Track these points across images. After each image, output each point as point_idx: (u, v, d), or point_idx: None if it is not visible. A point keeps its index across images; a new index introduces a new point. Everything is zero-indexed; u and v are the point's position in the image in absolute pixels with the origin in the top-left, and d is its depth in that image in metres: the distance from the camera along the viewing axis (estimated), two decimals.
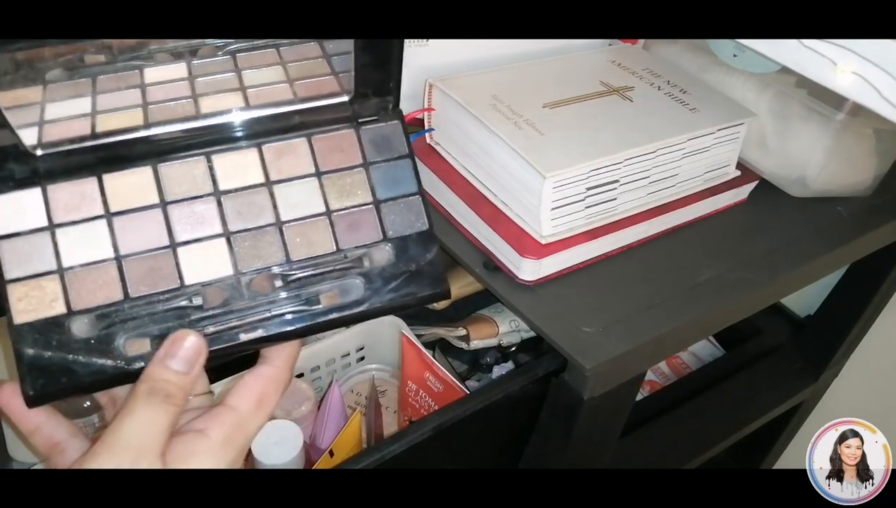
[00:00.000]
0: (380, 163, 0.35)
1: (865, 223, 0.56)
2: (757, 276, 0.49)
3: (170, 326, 0.30)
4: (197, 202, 0.32)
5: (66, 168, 0.32)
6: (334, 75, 0.36)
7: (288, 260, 0.32)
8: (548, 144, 0.45)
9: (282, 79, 0.35)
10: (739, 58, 0.55)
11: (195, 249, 0.32)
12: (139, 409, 0.28)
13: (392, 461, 0.40)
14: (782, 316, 0.87)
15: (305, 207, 0.33)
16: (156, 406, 0.28)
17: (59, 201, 0.31)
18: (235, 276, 0.32)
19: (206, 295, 0.31)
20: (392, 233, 0.34)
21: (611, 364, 0.42)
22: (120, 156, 0.32)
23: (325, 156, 0.34)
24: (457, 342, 0.66)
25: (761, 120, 0.55)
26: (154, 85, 0.34)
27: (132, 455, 0.27)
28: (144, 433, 0.28)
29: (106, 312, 0.30)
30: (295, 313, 0.32)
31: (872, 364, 0.84)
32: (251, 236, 0.32)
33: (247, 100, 0.34)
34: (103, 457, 0.27)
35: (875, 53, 0.42)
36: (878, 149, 0.56)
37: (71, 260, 0.30)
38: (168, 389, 0.29)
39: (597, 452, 0.52)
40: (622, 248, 0.50)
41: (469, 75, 0.51)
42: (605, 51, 0.59)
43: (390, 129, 0.35)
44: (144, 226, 0.32)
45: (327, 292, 0.32)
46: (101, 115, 0.33)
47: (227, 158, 0.33)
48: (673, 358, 0.86)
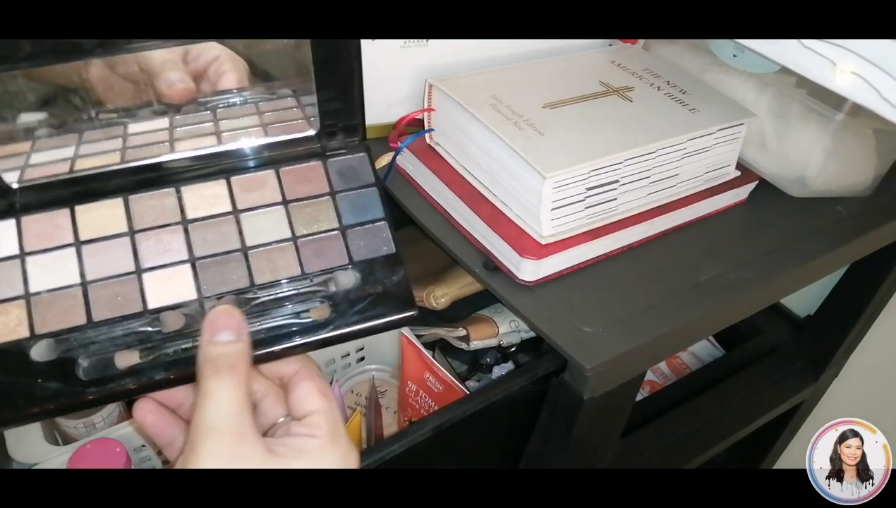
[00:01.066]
0: (346, 191, 0.36)
1: (865, 223, 0.56)
2: (757, 276, 0.49)
3: (130, 350, 0.31)
4: (164, 231, 0.34)
5: (42, 201, 0.33)
6: (304, 115, 0.37)
7: (252, 284, 0.33)
8: (548, 144, 0.45)
9: (255, 123, 0.37)
10: (739, 58, 0.55)
11: (160, 275, 0.33)
12: (213, 389, 0.29)
13: (392, 461, 0.40)
14: (782, 316, 0.87)
15: (271, 234, 0.35)
16: (225, 379, 0.29)
17: (32, 231, 0.33)
18: (198, 300, 0.32)
19: (166, 319, 0.32)
20: (358, 258, 0.34)
21: (611, 364, 0.42)
22: (94, 190, 0.34)
23: (292, 187, 0.36)
24: (457, 342, 0.66)
25: (761, 120, 0.55)
26: (135, 135, 0.36)
27: (229, 438, 0.28)
28: (228, 411, 0.28)
29: (67, 336, 0.31)
30: (256, 338, 0.32)
31: (872, 364, 0.84)
32: (216, 262, 0.33)
33: (220, 139, 0.36)
34: (201, 445, 0.27)
35: (875, 53, 0.42)
36: (878, 149, 0.56)
37: (38, 286, 0.32)
38: (229, 361, 0.29)
39: (597, 452, 0.52)
40: (622, 248, 0.50)
41: (469, 75, 0.51)
42: (605, 51, 0.59)
43: (357, 161, 0.37)
44: (112, 254, 0.33)
45: (291, 315, 0.33)
46: (81, 158, 0.35)
47: (196, 190, 0.35)
48: (673, 358, 0.86)
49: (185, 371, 0.31)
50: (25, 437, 0.48)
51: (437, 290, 0.65)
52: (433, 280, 0.66)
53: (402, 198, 0.52)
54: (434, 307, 0.65)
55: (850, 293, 0.75)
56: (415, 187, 0.53)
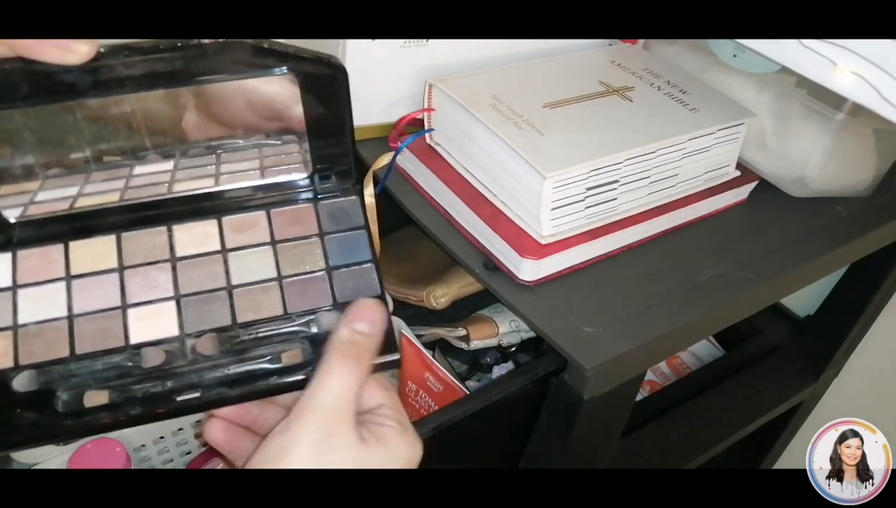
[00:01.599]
0: (335, 233, 0.37)
1: (865, 223, 0.56)
2: (757, 276, 0.49)
3: (108, 384, 0.31)
4: (153, 268, 0.34)
5: (38, 236, 0.34)
6: (301, 158, 0.38)
7: (234, 323, 0.33)
8: (548, 144, 0.45)
9: (255, 166, 0.38)
10: (739, 58, 0.55)
11: (144, 311, 0.33)
12: (336, 369, 0.30)
13: None
14: (782, 316, 0.87)
15: (257, 273, 0.35)
16: (351, 366, 0.30)
17: (26, 265, 0.33)
18: (180, 338, 0.32)
19: (146, 354, 0.32)
20: (342, 299, 0.34)
21: (611, 364, 0.42)
22: (90, 227, 0.35)
23: (281, 228, 0.36)
24: (457, 342, 0.66)
25: (761, 120, 0.55)
26: (139, 176, 0.37)
27: (332, 418, 0.29)
28: (341, 395, 0.29)
29: (49, 369, 0.31)
30: (235, 377, 0.32)
31: (872, 364, 0.84)
32: (200, 299, 0.34)
33: (217, 181, 0.37)
34: (306, 416, 0.29)
35: (875, 53, 0.42)
36: (878, 149, 0.56)
37: (27, 317, 0.32)
38: (358, 351, 0.31)
39: (597, 452, 0.52)
40: (622, 248, 0.50)
41: (469, 75, 0.51)
42: (605, 51, 0.59)
43: (348, 204, 0.38)
44: (100, 289, 0.33)
45: (270, 356, 0.33)
46: (83, 197, 0.35)
47: (187, 229, 0.36)
48: (673, 358, 0.86)
49: (154, 408, 0.31)
50: None
51: (437, 290, 0.65)
52: (433, 280, 0.66)
53: (402, 198, 0.52)
54: (434, 307, 0.65)
55: (850, 293, 0.75)
56: (415, 187, 0.53)
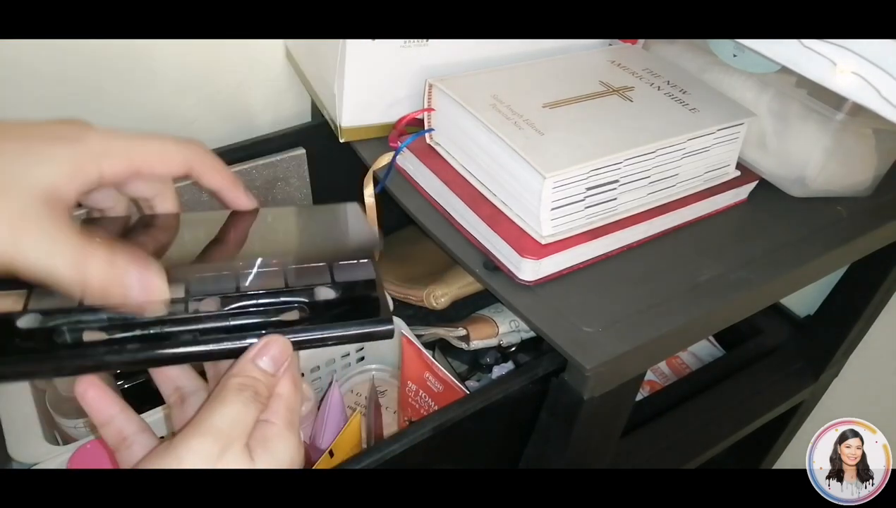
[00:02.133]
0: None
1: (865, 223, 0.56)
2: (757, 276, 0.49)
3: (109, 325, 0.31)
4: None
5: None
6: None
7: (238, 289, 0.34)
8: (548, 144, 0.45)
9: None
10: (739, 58, 0.55)
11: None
12: (230, 400, 0.30)
13: (392, 461, 0.40)
14: (782, 316, 0.87)
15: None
16: (246, 400, 0.30)
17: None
18: (184, 299, 0.33)
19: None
20: (340, 280, 0.36)
21: (611, 364, 0.42)
22: None
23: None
24: (457, 342, 0.66)
25: (761, 120, 0.55)
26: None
27: (224, 440, 0.29)
28: (235, 423, 0.30)
29: (55, 315, 0.31)
30: (233, 327, 0.33)
31: (872, 364, 0.84)
32: (208, 278, 0.35)
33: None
34: (195, 440, 0.28)
35: (875, 53, 0.42)
36: (878, 149, 0.56)
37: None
38: (257, 387, 0.31)
39: (597, 452, 0.52)
40: (622, 248, 0.50)
41: (469, 75, 0.51)
42: (605, 51, 0.59)
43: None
44: None
45: (268, 311, 0.34)
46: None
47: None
48: (673, 358, 0.86)
49: (152, 347, 0.32)
50: (25, 437, 0.48)
51: (437, 290, 0.65)
52: (433, 280, 0.66)
53: (402, 198, 0.52)
54: (434, 307, 0.65)
55: (850, 293, 0.75)
56: (415, 187, 0.53)
